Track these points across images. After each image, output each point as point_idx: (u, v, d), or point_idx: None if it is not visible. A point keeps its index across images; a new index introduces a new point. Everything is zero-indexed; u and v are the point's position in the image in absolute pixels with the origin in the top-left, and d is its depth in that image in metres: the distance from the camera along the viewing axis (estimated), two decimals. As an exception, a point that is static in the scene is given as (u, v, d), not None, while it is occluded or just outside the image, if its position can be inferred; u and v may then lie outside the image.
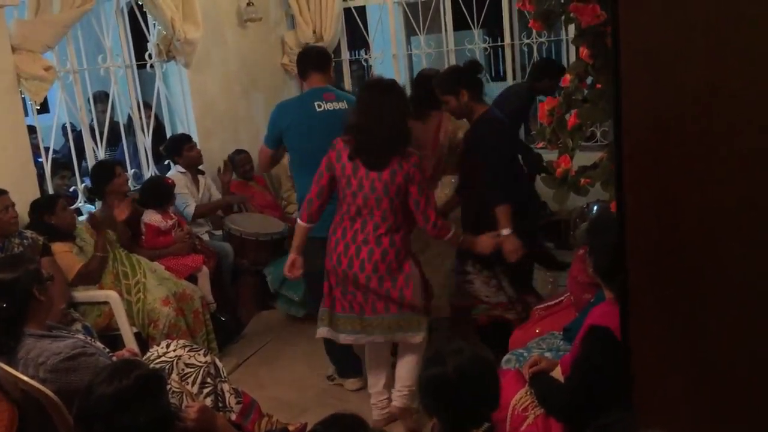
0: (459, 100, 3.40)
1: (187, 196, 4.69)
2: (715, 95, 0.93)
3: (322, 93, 3.55)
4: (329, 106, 3.51)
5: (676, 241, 1.03)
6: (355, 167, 3.04)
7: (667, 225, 1.02)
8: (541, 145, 2.42)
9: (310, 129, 3.48)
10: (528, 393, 2.53)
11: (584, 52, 2.14)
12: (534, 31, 5.50)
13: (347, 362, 3.71)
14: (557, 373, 2.59)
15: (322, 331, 3.25)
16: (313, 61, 3.63)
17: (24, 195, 3.69)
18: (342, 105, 3.52)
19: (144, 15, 4.90)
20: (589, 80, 2.16)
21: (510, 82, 6.01)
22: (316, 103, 3.50)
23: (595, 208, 4.13)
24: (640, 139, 0.99)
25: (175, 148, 4.83)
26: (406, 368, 3.28)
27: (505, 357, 2.97)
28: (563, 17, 2.10)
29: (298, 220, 3.24)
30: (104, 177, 4.13)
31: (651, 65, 0.97)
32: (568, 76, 2.22)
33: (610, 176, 2.11)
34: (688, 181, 0.99)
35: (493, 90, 6.53)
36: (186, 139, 4.87)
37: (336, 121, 3.34)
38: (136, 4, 4.81)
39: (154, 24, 4.89)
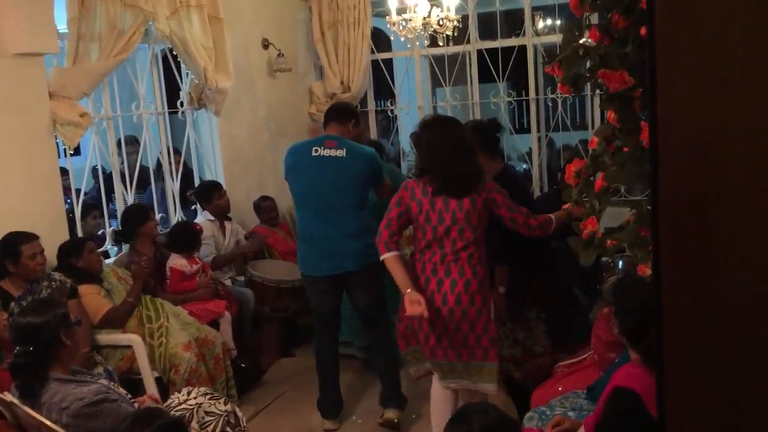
0: None
1: (209, 247, 4.73)
2: (750, 176, 0.95)
3: (325, 140, 3.75)
4: (326, 152, 3.68)
5: (714, 312, 1.04)
6: (432, 201, 3.08)
7: (703, 295, 1.03)
8: (566, 206, 2.44)
9: (304, 170, 3.72)
10: (551, 454, 2.50)
11: (611, 115, 2.17)
12: (559, 87, 5.56)
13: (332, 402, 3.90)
14: (580, 434, 2.55)
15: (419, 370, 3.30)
16: (333, 113, 3.87)
17: (54, 237, 3.76)
18: (340, 153, 3.67)
19: (177, 64, 5.03)
20: (616, 143, 2.19)
21: (534, 135, 6.05)
22: (314, 148, 3.71)
23: (620, 263, 4.10)
24: (676, 212, 1.01)
25: (205, 195, 4.90)
26: None
27: (528, 415, 2.94)
28: (591, 82, 2.15)
29: (384, 255, 3.15)
30: (137, 220, 4.20)
31: (687, 144, 0.99)
32: (595, 139, 2.25)
33: (636, 239, 2.12)
34: (725, 256, 1.01)
35: (516, 142, 6.61)
36: (216, 186, 4.94)
37: (326, 165, 3.63)
38: (170, 53, 4.95)
39: (187, 73, 5.02)
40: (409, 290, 3.02)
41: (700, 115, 0.99)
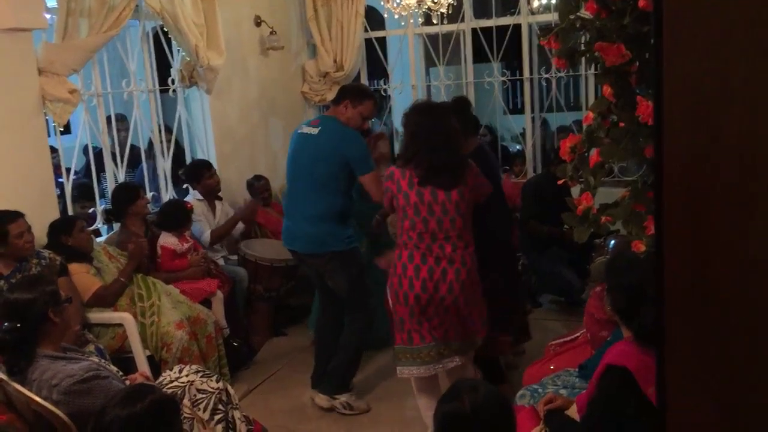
0: None
1: (203, 224, 4.70)
2: (752, 144, 0.94)
3: (312, 120, 3.86)
4: (306, 130, 3.74)
5: (715, 289, 1.02)
6: (419, 193, 3.04)
7: (704, 269, 1.02)
8: (561, 182, 2.42)
9: (291, 148, 3.83)
10: (543, 431, 2.50)
11: (607, 90, 2.15)
12: (553, 66, 5.53)
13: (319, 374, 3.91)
14: (572, 412, 2.56)
15: (410, 371, 3.18)
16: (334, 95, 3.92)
17: (44, 216, 3.72)
18: (315, 131, 3.68)
19: (168, 41, 4.97)
20: (612, 118, 2.17)
21: (527, 115, 6.02)
22: (302, 126, 3.81)
23: (612, 243, 4.10)
24: (680, 185, 0.99)
25: (194, 174, 4.85)
26: None
27: (520, 392, 2.94)
28: (587, 55, 2.12)
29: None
30: (127, 198, 4.17)
31: (692, 115, 0.97)
32: (590, 114, 2.22)
33: (631, 215, 2.11)
34: (727, 227, 0.99)
35: (510, 123, 6.59)
36: (206, 166, 4.89)
37: (302, 144, 3.71)
38: (161, 30, 4.89)
39: (178, 50, 4.96)
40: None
41: (705, 82, 0.98)
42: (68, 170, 4.29)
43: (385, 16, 5.44)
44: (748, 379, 1.04)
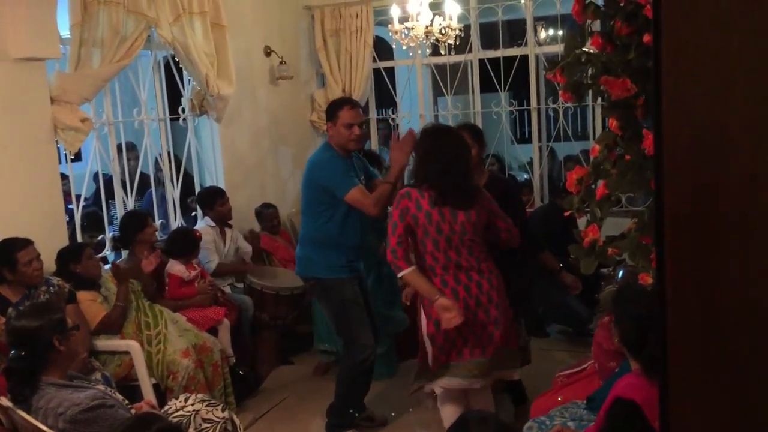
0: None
1: (211, 252, 4.71)
2: (754, 180, 0.95)
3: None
4: None
5: (719, 321, 1.02)
6: (440, 213, 3.05)
7: (708, 304, 1.02)
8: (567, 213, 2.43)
9: None
10: (551, 464, 2.48)
11: (613, 123, 2.17)
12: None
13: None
14: (580, 445, 2.53)
15: (443, 382, 3.18)
16: None
17: (54, 243, 3.75)
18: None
19: (179, 70, 5.03)
20: (618, 150, 2.18)
21: (535, 145, 6.05)
22: None
23: (621, 273, 4.09)
24: (681, 220, 1.00)
25: (207, 200, 4.88)
26: None
27: (527, 424, 2.92)
28: (593, 89, 2.14)
29: (405, 271, 3.06)
30: (135, 226, 4.19)
31: (693, 150, 0.98)
32: (596, 146, 2.24)
33: (638, 247, 2.11)
34: (729, 262, 0.99)
35: (517, 152, 6.61)
36: (219, 193, 4.90)
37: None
38: (173, 59, 4.95)
39: (189, 79, 5.02)
40: (437, 297, 2.99)
41: (705, 118, 0.99)
42: (78, 197, 4.32)
43: (394, 46, 5.50)
44: (758, 415, 1.03)
